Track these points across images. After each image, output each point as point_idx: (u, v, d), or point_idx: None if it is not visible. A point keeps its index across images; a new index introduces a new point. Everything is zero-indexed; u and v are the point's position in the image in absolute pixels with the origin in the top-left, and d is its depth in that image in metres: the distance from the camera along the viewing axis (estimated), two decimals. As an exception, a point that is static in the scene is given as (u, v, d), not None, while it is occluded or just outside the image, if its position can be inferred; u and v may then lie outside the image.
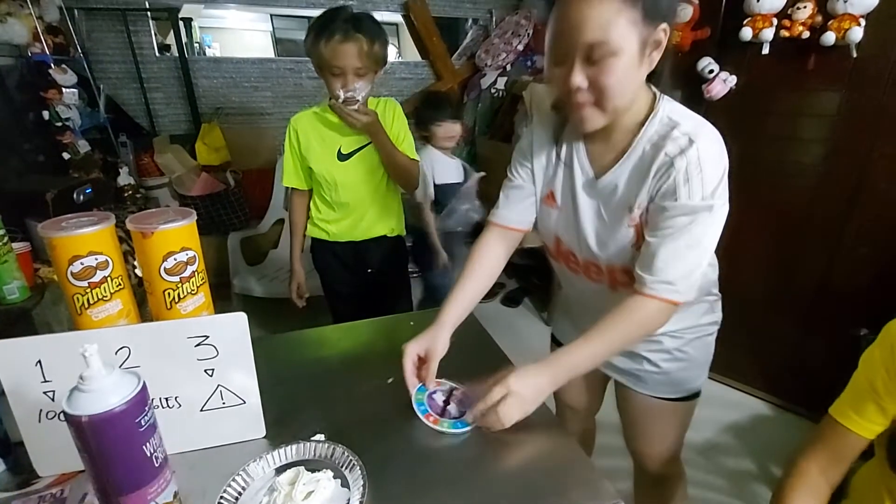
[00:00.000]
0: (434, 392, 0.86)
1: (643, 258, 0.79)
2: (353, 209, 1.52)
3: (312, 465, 0.68)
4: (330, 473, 0.66)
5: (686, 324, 0.96)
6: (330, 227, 1.57)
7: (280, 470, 0.68)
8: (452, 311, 0.93)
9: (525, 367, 0.79)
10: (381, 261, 1.63)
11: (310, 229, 1.61)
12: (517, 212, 0.97)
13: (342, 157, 1.46)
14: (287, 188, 1.58)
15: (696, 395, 1.04)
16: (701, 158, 0.73)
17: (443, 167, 2.12)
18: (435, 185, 2.10)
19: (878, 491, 0.78)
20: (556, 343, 1.20)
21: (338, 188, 1.49)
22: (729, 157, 0.77)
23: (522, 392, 0.76)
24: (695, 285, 0.80)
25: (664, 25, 0.72)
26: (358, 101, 1.32)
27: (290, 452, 0.70)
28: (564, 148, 0.90)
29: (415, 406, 0.82)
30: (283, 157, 1.54)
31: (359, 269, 1.63)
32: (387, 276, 1.67)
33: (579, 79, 0.73)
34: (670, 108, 0.79)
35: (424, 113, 2.09)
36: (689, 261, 0.77)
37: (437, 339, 0.89)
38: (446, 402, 0.84)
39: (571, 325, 1.14)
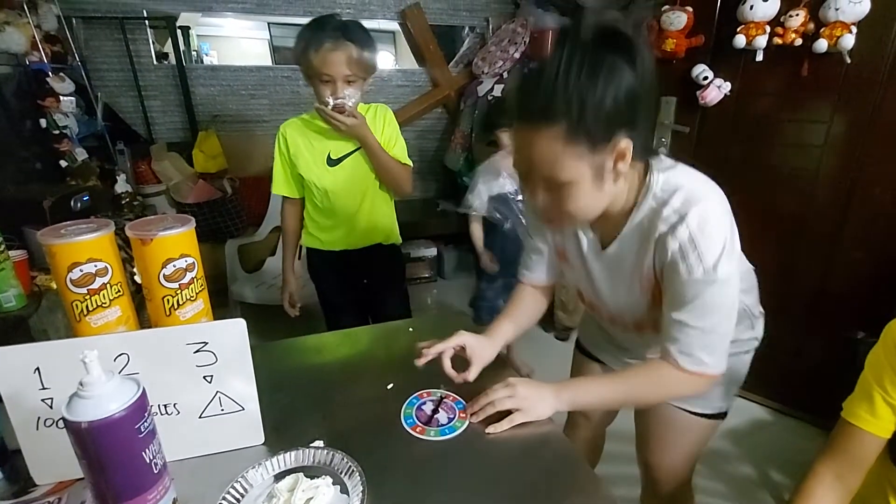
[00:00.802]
0: (423, 403, 0.86)
1: (664, 328, 0.78)
2: (345, 217, 1.51)
3: (311, 472, 0.67)
4: (329, 480, 0.66)
5: None
6: (323, 236, 1.56)
7: (279, 476, 0.68)
8: (505, 329, 0.97)
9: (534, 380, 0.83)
10: (377, 270, 1.63)
11: (304, 238, 1.60)
12: (541, 271, 1.02)
13: (331, 163, 1.45)
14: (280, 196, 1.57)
15: (722, 415, 1.02)
16: (693, 236, 0.70)
17: (504, 179, 1.93)
18: (492, 197, 1.93)
19: (880, 485, 0.79)
20: (580, 349, 1.21)
21: (328, 194, 1.48)
22: (723, 162, 0.77)
23: (522, 391, 0.79)
24: (722, 353, 0.77)
25: (624, 142, 0.67)
26: (348, 107, 1.32)
27: (289, 459, 0.70)
28: None
29: (402, 419, 0.82)
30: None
31: (354, 279, 1.62)
32: (383, 286, 1.66)
33: (541, 200, 0.74)
34: (663, 181, 0.75)
35: (491, 118, 1.96)
36: (706, 331, 0.74)
37: (491, 345, 0.92)
38: (434, 411, 0.84)
39: (602, 336, 1.12)
